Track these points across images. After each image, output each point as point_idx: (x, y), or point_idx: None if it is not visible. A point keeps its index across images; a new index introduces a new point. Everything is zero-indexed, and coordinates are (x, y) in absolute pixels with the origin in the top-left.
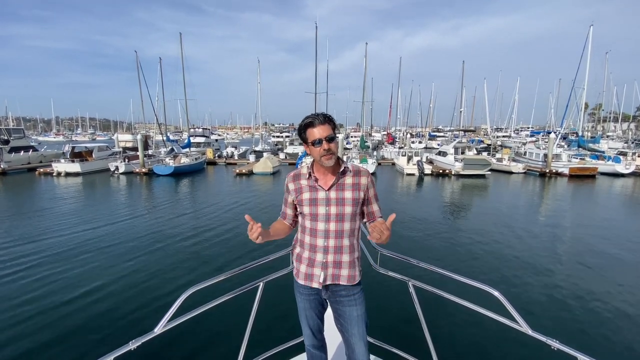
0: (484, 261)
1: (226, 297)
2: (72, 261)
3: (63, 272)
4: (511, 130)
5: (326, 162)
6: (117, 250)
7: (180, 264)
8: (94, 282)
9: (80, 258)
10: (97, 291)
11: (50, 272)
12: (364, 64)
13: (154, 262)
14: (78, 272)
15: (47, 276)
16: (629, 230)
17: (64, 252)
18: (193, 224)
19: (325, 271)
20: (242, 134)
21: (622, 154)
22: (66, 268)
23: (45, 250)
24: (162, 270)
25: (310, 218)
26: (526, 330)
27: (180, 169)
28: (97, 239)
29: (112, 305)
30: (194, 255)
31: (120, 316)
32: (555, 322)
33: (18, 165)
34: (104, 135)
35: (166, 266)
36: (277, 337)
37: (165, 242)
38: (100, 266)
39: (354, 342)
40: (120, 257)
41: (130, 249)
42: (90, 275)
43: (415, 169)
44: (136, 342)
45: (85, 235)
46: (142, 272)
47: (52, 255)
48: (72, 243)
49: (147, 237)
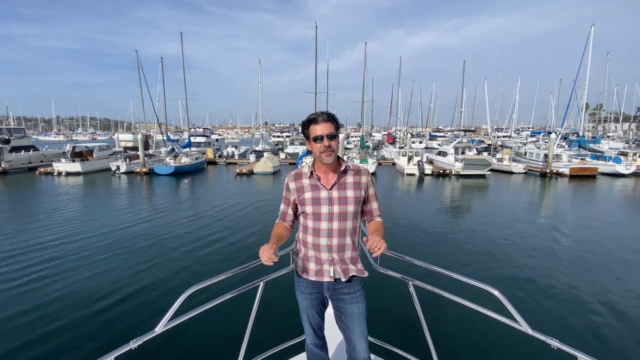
0: (484, 261)
1: (227, 296)
2: (72, 260)
3: (63, 272)
4: (512, 130)
5: (326, 158)
6: (117, 249)
7: (180, 264)
8: (94, 282)
9: (81, 257)
10: (98, 290)
11: (50, 272)
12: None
13: (154, 261)
14: (78, 272)
15: (47, 276)
16: (630, 230)
17: (64, 251)
18: (194, 223)
19: (332, 267)
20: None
21: (622, 154)
22: (66, 267)
23: (44, 249)
24: (162, 269)
25: (313, 217)
26: (526, 329)
27: (181, 169)
28: (97, 238)
29: (113, 305)
30: (194, 254)
31: (120, 315)
32: (555, 321)
33: (19, 164)
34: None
35: (167, 266)
36: (278, 336)
37: (166, 242)
38: (101, 265)
39: (356, 339)
40: (121, 257)
41: (131, 248)
42: (90, 275)
43: (416, 169)
44: (137, 342)
45: (86, 234)
46: (143, 271)
47: (52, 254)
48: (72, 242)
49: (148, 236)
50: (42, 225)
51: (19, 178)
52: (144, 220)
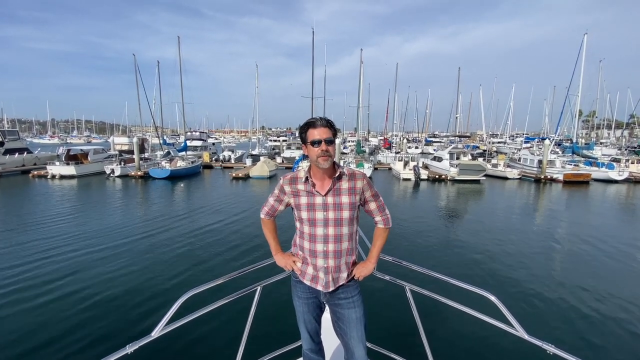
0: (481, 266)
1: (224, 300)
2: (67, 264)
3: (58, 276)
4: (507, 136)
5: (322, 163)
6: (113, 253)
7: (176, 268)
8: (89, 286)
9: (75, 261)
10: (93, 294)
11: (45, 276)
12: (360, 69)
13: (150, 265)
14: (73, 276)
15: (42, 280)
16: (624, 236)
17: (58, 255)
18: (190, 227)
19: (327, 276)
20: (239, 137)
21: (615, 160)
22: (61, 272)
23: (38, 253)
24: (159, 274)
25: (308, 223)
26: (522, 334)
27: (177, 173)
28: (92, 242)
29: (109, 309)
30: (190, 258)
31: (116, 320)
32: (551, 326)
33: (12, 167)
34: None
35: (163, 270)
36: (275, 341)
37: (162, 246)
38: (96, 269)
39: (353, 344)
40: (117, 261)
41: (126, 252)
42: (85, 279)
43: (412, 174)
44: (133, 346)
45: (80, 237)
46: (139, 275)
47: (45, 258)
48: (67, 246)
49: (143, 240)
50: (34, 229)
51: (12, 181)
52: (140, 224)
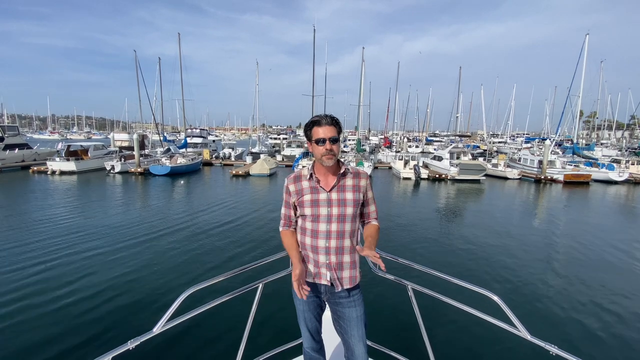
0: (483, 265)
1: (225, 297)
2: (68, 261)
3: (59, 273)
4: (507, 136)
5: (327, 161)
6: (113, 249)
7: (177, 264)
8: (90, 282)
9: (76, 257)
10: (95, 291)
11: (46, 273)
12: (361, 68)
13: (152, 262)
14: (74, 272)
15: (43, 277)
16: (624, 236)
17: (59, 251)
18: (190, 224)
19: (329, 272)
20: (239, 135)
21: (615, 161)
22: (62, 268)
23: (39, 250)
24: (159, 270)
25: (311, 219)
26: (525, 335)
27: (177, 169)
28: (92, 238)
29: (110, 305)
30: (191, 255)
31: (118, 316)
32: (554, 327)
33: (12, 162)
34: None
35: (163, 266)
36: (276, 338)
37: (163, 242)
38: (97, 266)
39: (354, 343)
40: (117, 257)
41: (127, 249)
42: (87, 275)
43: (412, 173)
44: (134, 342)
45: (80, 233)
46: (140, 272)
47: (47, 255)
48: (67, 242)
49: (144, 237)
50: (34, 225)
51: (12, 176)
52: (141, 221)
